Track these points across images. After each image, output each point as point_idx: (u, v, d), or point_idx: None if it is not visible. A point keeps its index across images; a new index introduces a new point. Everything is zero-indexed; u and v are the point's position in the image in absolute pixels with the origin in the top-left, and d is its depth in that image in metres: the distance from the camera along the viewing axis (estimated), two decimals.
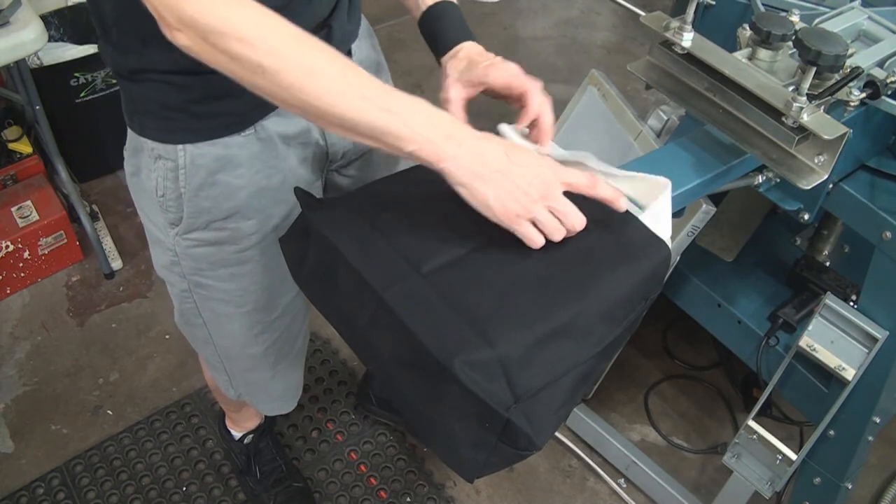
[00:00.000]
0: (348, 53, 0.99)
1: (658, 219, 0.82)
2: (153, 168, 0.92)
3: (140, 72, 0.85)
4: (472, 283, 0.74)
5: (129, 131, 0.94)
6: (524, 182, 0.74)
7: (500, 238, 0.77)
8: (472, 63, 0.88)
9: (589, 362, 0.76)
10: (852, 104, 1.01)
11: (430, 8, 0.94)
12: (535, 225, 0.76)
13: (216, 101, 0.86)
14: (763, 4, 1.21)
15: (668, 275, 1.48)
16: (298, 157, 0.97)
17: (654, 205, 0.83)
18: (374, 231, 0.79)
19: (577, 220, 0.76)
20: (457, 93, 0.87)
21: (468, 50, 0.90)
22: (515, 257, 0.76)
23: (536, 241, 0.76)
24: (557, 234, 0.76)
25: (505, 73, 0.87)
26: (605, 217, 0.81)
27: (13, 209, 1.98)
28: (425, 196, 0.81)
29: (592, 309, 0.74)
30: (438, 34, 0.93)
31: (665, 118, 1.54)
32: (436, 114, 0.75)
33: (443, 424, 0.72)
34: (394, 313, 0.72)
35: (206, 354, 1.19)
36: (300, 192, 0.86)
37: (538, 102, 0.87)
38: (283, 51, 0.70)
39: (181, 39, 0.71)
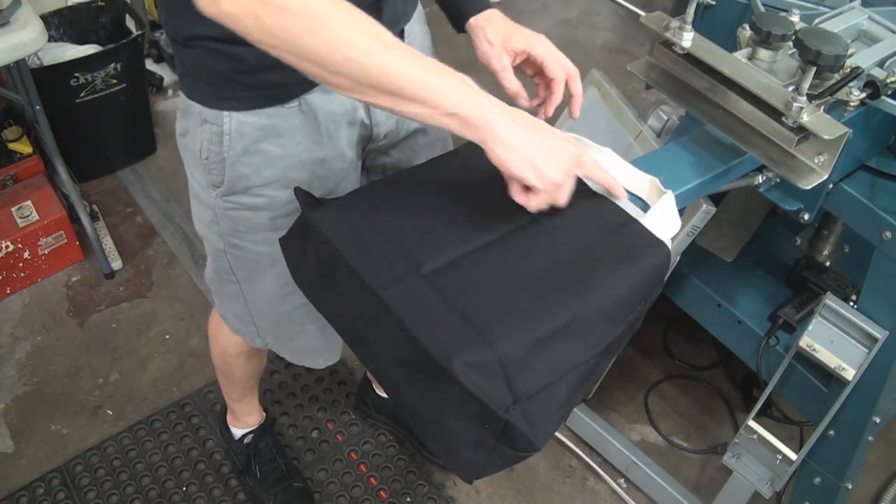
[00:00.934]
0: (400, 34, 1.00)
1: (661, 221, 0.82)
2: (199, 131, 0.96)
3: (192, 39, 0.88)
4: (471, 283, 0.74)
5: (181, 93, 0.98)
6: (564, 151, 0.77)
7: (500, 238, 0.77)
8: (511, 30, 0.89)
9: (589, 362, 0.75)
10: (852, 104, 1.01)
11: None
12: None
13: (263, 73, 0.88)
14: (763, 4, 1.21)
15: (667, 275, 1.49)
16: (346, 135, 0.99)
17: (657, 207, 0.83)
18: (373, 231, 0.79)
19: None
20: (508, 61, 0.88)
21: (499, 16, 0.91)
22: (516, 257, 0.76)
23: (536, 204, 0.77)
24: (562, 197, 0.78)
25: (548, 48, 0.89)
26: (605, 218, 0.81)
27: (13, 209, 1.98)
28: (426, 196, 0.81)
29: (592, 309, 0.74)
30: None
31: (665, 118, 1.54)
32: (469, 81, 0.77)
33: (442, 425, 0.72)
34: (393, 313, 0.72)
35: (236, 310, 1.20)
36: (299, 192, 0.86)
37: (579, 89, 0.90)
38: (332, 11, 0.71)
39: (226, 5, 0.71)
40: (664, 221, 0.83)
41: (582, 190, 0.84)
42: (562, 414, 0.76)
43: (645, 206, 0.86)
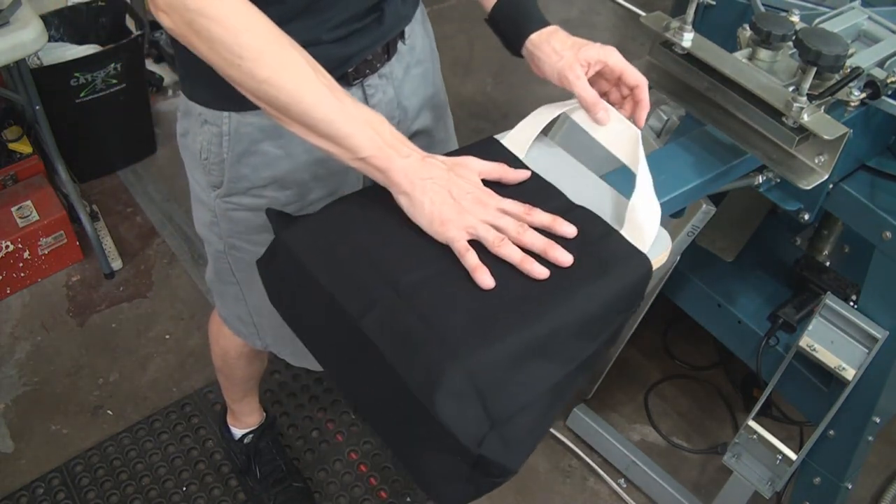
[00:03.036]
0: (401, 36, 1.00)
1: (641, 228, 0.80)
2: (199, 131, 0.96)
3: None
4: (448, 300, 0.72)
5: (181, 94, 0.98)
6: (460, 192, 0.76)
7: (477, 253, 0.75)
8: (580, 42, 0.89)
9: (563, 381, 0.73)
10: (852, 104, 1.01)
11: None
12: (477, 245, 0.75)
13: None
14: (763, 4, 1.21)
15: (663, 281, 1.49)
16: None
17: (635, 215, 0.81)
18: (348, 248, 0.77)
19: (517, 230, 0.75)
20: (582, 72, 0.87)
21: (563, 31, 0.91)
22: (493, 272, 0.74)
23: (469, 259, 0.73)
24: (503, 248, 0.74)
25: (620, 59, 0.88)
26: (585, 230, 0.78)
27: (13, 209, 1.98)
28: (401, 213, 0.78)
29: (569, 325, 0.72)
30: (527, 14, 0.93)
31: (665, 118, 1.54)
32: (390, 127, 0.78)
33: (418, 455, 0.71)
34: (371, 342, 0.70)
35: (236, 311, 1.20)
36: (271, 213, 0.84)
37: (645, 98, 0.89)
38: (262, 44, 0.73)
39: (165, 21, 0.74)
40: (645, 225, 0.80)
41: (562, 203, 0.82)
42: (538, 433, 0.74)
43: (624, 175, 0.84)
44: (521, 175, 0.83)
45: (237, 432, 1.60)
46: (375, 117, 0.77)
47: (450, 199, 0.76)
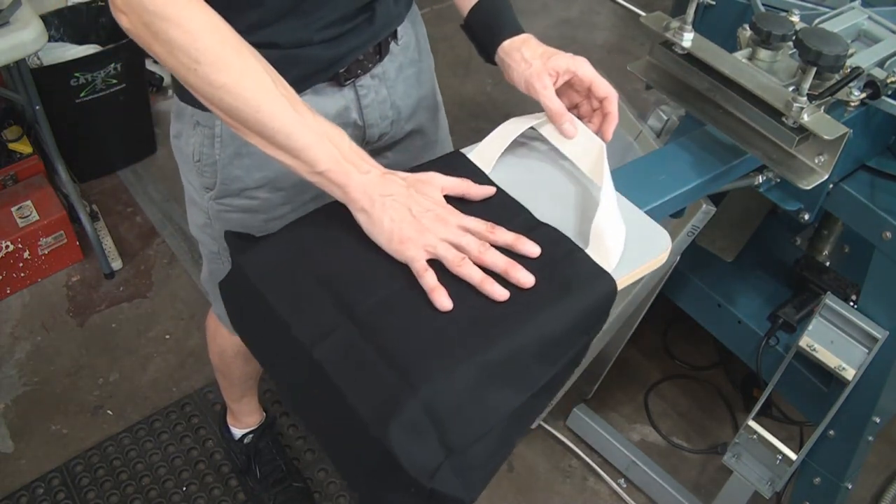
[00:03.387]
0: (394, 35, 0.99)
1: (606, 248, 0.78)
2: (192, 133, 0.96)
3: None
4: (405, 325, 0.70)
5: (175, 95, 0.97)
6: (420, 209, 0.74)
7: (437, 273, 0.73)
8: (551, 51, 0.88)
9: (522, 406, 0.71)
10: (852, 104, 1.01)
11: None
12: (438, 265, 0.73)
13: None
14: (763, 4, 1.21)
15: (663, 281, 1.49)
16: None
17: (600, 233, 0.78)
18: (305, 272, 0.75)
19: (479, 249, 0.73)
20: (549, 81, 0.86)
21: (535, 39, 0.90)
22: (453, 294, 0.72)
23: (427, 280, 0.72)
24: (463, 267, 0.72)
25: (590, 69, 0.87)
26: (549, 249, 0.76)
27: (13, 209, 1.98)
28: (359, 230, 0.77)
29: (529, 347, 0.70)
30: (500, 22, 0.92)
31: (665, 118, 1.54)
32: (350, 143, 0.76)
33: (375, 489, 0.70)
34: (324, 372, 0.68)
35: (221, 320, 1.20)
36: (229, 236, 0.82)
37: (614, 111, 0.88)
38: (220, 50, 0.72)
39: (124, 21, 0.73)
40: (608, 239, 0.78)
41: (526, 219, 0.80)
42: (496, 461, 0.72)
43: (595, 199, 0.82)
44: (485, 191, 0.81)
45: (237, 432, 1.60)
46: (335, 130, 0.76)
47: (409, 217, 0.74)
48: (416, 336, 0.69)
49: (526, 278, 0.72)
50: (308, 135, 0.74)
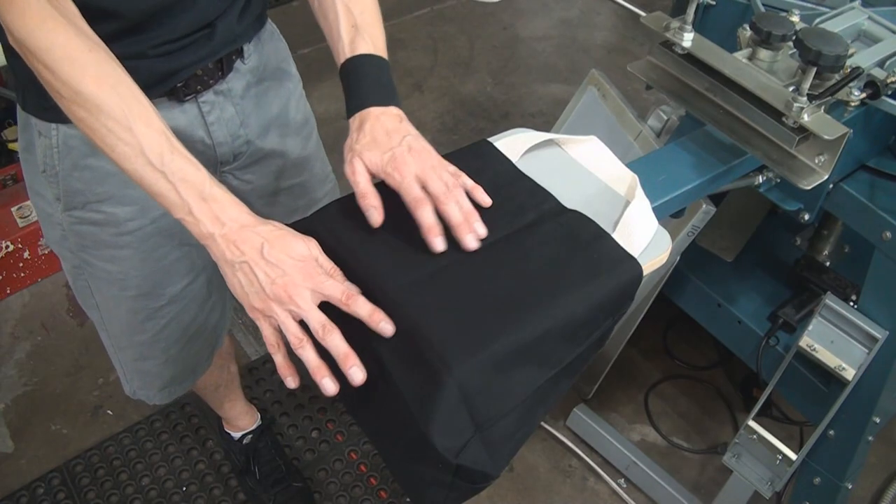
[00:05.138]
0: (239, 53, 0.97)
1: (632, 234, 0.80)
2: (37, 143, 0.93)
3: None
4: (437, 305, 0.72)
5: (18, 106, 0.94)
6: (266, 280, 0.70)
7: (468, 256, 0.75)
8: (374, 143, 0.79)
9: (546, 384, 0.73)
10: (852, 104, 1.01)
11: (346, 62, 0.85)
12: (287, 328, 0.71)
13: None
14: (763, 4, 1.21)
15: (663, 281, 1.49)
16: None
17: (630, 216, 0.81)
18: (339, 252, 0.76)
19: (320, 328, 0.70)
20: (361, 166, 0.79)
21: (371, 120, 0.81)
22: (483, 276, 0.74)
23: (272, 342, 0.72)
24: (301, 349, 0.70)
25: (400, 178, 0.77)
26: (576, 234, 0.78)
27: (13, 209, 1.98)
28: (390, 214, 0.77)
29: (556, 327, 0.72)
30: (347, 92, 0.85)
31: (665, 118, 1.54)
32: (212, 189, 0.73)
33: (403, 460, 0.72)
34: (363, 349, 0.70)
35: (105, 343, 1.19)
36: None
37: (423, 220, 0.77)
38: (77, 83, 0.71)
39: (9, 39, 0.74)
40: (636, 234, 0.80)
41: (552, 206, 0.82)
42: (519, 437, 0.74)
43: (622, 202, 0.84)
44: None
45: (235, 434, 1.60)
46: (197, 176, 0.73)
47: (256, 287, 0.71)
48: (446, 316, 0.71)
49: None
50: (160, 182, 0.72)
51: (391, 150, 0.78)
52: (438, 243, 0.75)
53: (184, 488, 1.63)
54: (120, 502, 1.60)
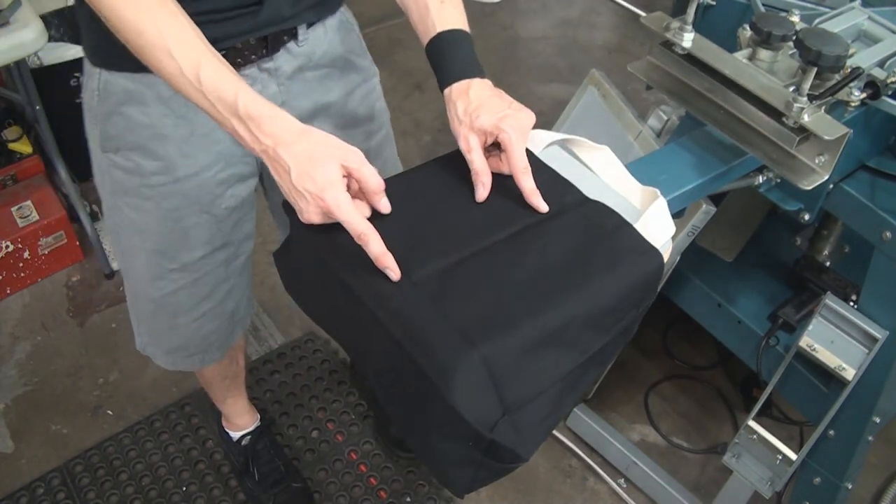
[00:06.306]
0: (292, 35, 0.98)
1: (654, 226, 0.81)
2: (86, 84, 0.98)
3: None
4: (463, 289, 0.73)
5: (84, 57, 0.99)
6: (302, 201, 0.76)
7: (493, 244, 0.77)
8: (479, 109, 0.84)
9: (576, 371, 0.74)
10: (853, 104, 1.01)
11: (439, 35, 0.89)
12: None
13: None
14: (763, 5, 1.21)
15: (663, 281, 1.49)
16: None
17: (651, 211, 0.82)
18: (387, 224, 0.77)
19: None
20: (476, 142, 0.83)
21: (476, 88, 0.86)
22: (507, 264, 0.75)
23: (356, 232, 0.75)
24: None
25: (511, 137, 0.82)
26: (599, 223, 0.80)
27: (13, 209, 1.98)
28: (415, 202, 0.79)
29: (582, 314, 0.73)
30: (444, 64, 0.89)
31: (665, 118, 1.54)
32: (245, 108, 0.77)
33: (430, 440, 0.72)
34: (389, 332, 0.71)
35: (126, 293, 1.23)
36: (286, 205, 0.83)
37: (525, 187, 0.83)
38: (121, 10, 0.76)
39: None
40: (657, 227, 0.81)
41: (576, 196, 0.82)
42: (549, 423, 0.75)
43: (636, 213, 0.85)
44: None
45: (234, 434, 1.60)
46: (231, 94, 0.77)
47: (294, 192, 0.76)
48: (475, 300, 0.72)
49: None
50: (202, 101, 0.77)
51: (502, 110, 0.83)
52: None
53: (184, 488, 1.63)
54: (120, 502, 1.60)
